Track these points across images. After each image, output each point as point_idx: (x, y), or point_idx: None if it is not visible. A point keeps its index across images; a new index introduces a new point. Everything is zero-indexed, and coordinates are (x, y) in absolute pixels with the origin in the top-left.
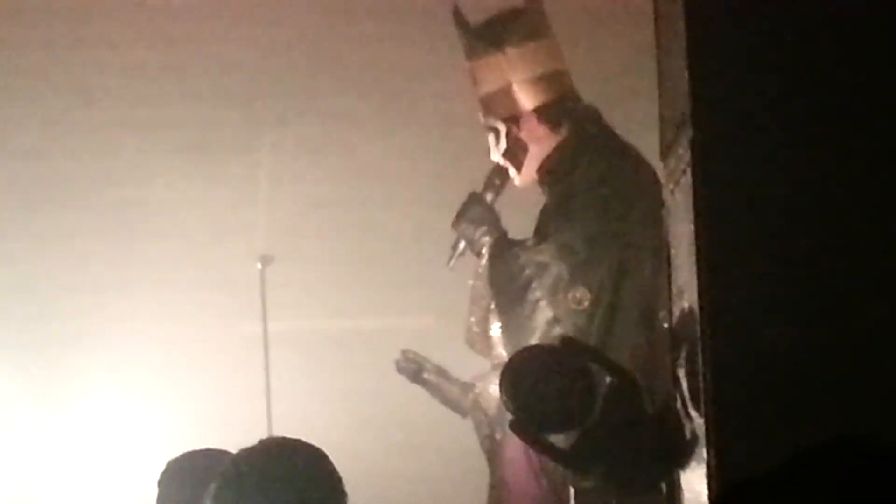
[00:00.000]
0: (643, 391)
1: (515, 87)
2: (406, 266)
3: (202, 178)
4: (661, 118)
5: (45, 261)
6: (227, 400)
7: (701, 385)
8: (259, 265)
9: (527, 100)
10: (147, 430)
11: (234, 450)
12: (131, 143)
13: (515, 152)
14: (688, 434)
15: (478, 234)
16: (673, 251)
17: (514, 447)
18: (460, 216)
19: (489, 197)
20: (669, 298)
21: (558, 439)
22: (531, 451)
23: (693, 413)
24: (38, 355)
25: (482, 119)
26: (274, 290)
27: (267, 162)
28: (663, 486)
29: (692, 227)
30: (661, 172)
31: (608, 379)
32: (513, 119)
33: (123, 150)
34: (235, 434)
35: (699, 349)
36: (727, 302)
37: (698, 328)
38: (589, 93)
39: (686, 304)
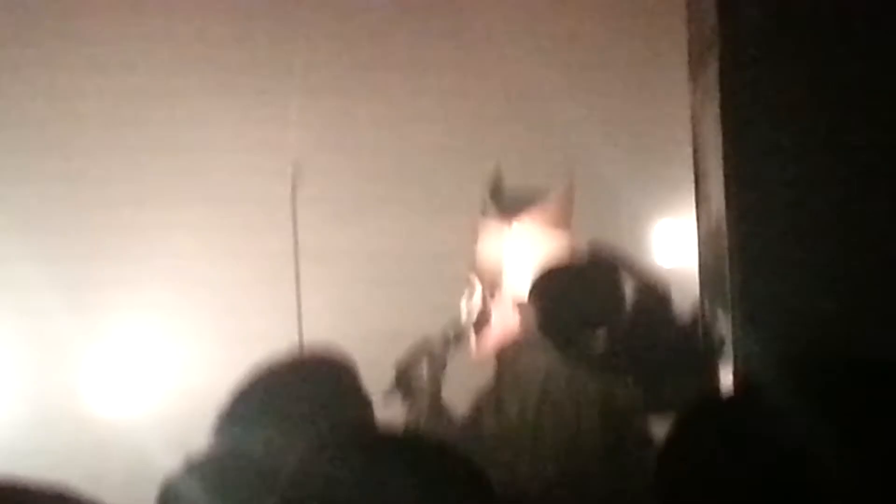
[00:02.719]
0: (671, 294)
1: (506, 267)
2: (437, 182)
3: (234, 94)
4: (690, 33)
5: (81, 175)
6: (258, 315)
7: (728, 288)
8: (290, 179)
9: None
10: (178, 345)
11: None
12: (162, 58)
13: (481, 318)
14: (715, 336)
15: None
16: (700, 158)
17: None
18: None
19: (439, 346)
20: (697, 205)
21: (588, 343)
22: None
23: (720, 317)
24: (75, 267)
25: (468, 270)
26: (305, 205)
27: (299, 76)
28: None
29: (720, 137)
30: (689, 84)
31: (636, 283)
32: (490, 288)
33: (154, 65)
34: (266, 349)
35: (726, 254)
36: (754, 208)
37: (725, 232)
38: (618, 9)
39: (713, 211)
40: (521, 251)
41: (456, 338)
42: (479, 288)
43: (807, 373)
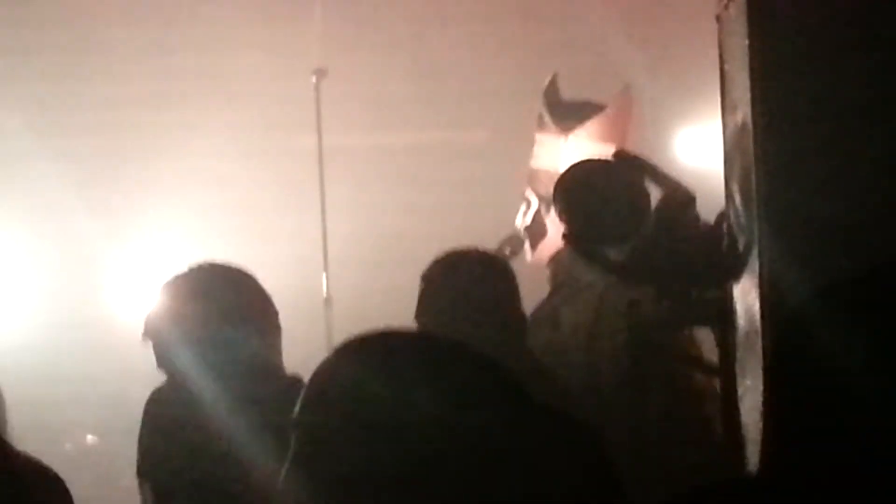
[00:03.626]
0: (696, 205)
1: None
2: (461, 80)
3: None
4: None
5: (104, 73)
6: (281, 214)
7: (754, 198)
8: (314, 78)
9: None
10: (200, 245)
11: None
12: None
13: (535, 231)
14: (740, 246)
15: None
16: (727, 66)
17: None
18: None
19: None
20: (723, 112)
21: (612, 251)
22: None
23: (746, 225)
24: (104, 167)
25: (523, 187)
26: (328, 104)
27: None
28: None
29: (746, 42)
30: None
31: (661, 192)
32: (546, 202)
33: None
34: (289, 246)
35: (752, 162)
36: (780, 116)
37: (752, 141)
38: None
39: (739, 118)
40: None
41: (513, 252)
42: (535, 202)
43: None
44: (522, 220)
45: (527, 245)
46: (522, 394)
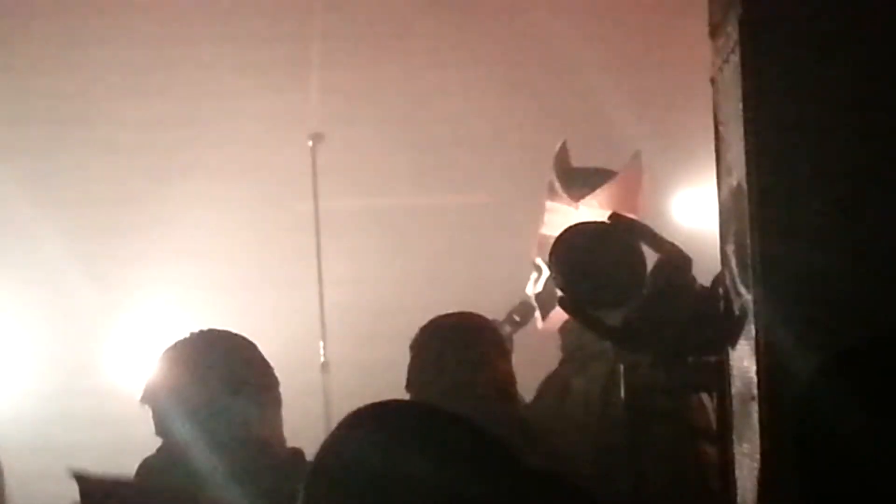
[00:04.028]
0: (692, 269)
1: None
2: (459, 144)
3: (254, 66)
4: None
5: (104, 148)
6: (279, 288)
7: (749, 262)
8: (310, 143)
9: None
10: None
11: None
12: (185, 29)
13: (545, 300)
14: (736, 310)
15: None
16: (722, 128)
17: None
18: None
19: (506, 329)
20: (718, 175)
21: (607, 316)
22: None
23: (742, 290)
24: (101, 239)
25: (532, 254)
26: (325, 169)
27: (317, 46)
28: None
29: (741, 105)
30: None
31: (657, 255)
32: None
33: (177, 35)
34: (287, 322)
35: (748, 226)
36: (776, 179)
37: (747, 205)
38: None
39: (734, 181)
40: None
41: (523, 320)
42: (545, 270)
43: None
44: (533, 288)
45: (537, 313)
46: (520, 464)
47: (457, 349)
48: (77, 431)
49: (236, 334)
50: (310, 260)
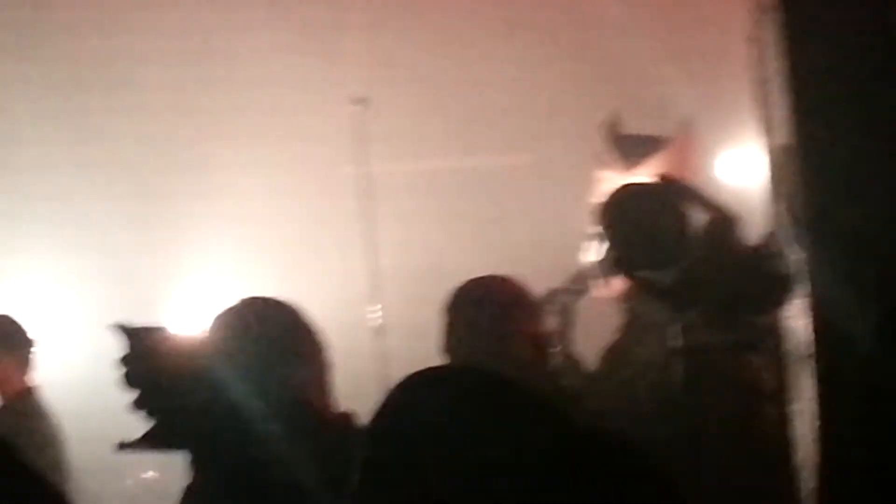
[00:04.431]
0: (743, 229)
1: None
2: (503, 104)
3: (293, 29)
4: None
5: (153, 113)
6: (325, 250)
7: (800, 220)
8: (353, 108)
9: None
10: (254, 278)
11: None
12: None
13: (603, 268)
14: (789, 269)
15: None
16: (764, 87)
17: None
18: None
19: (564, 297)
20: (764, 134)
21: (657, 276)
22: None
23: (794, 248)
24: (151, 205)
25: (587, 223)
26: (369, 134)
27: (360, 10)
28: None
29: (782, 62)
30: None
31: (708, 216)
32: None
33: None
34: (333, 284)
35: (798, 184)
36: (822, 136)
37: (796, 163)
38: None
39: (781, 140)
40: None
41: (581, 289)
42: (601, 240)
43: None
44: (591, 256)
45: (596, 281)
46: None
47: (487, 312)
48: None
49: (282, 300)
50: (357, 225)
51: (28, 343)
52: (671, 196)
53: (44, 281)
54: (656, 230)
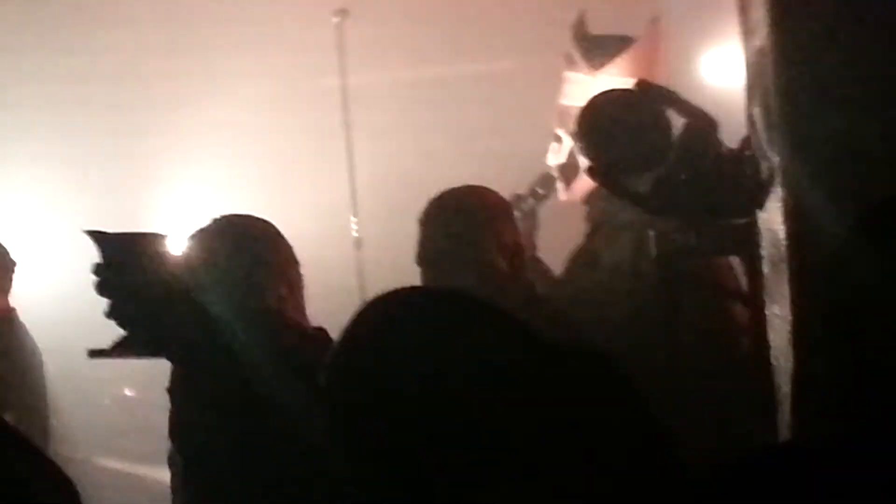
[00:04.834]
0: (720, 132)
1: None
2: (485, 8)
3: None
4: None
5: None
6: (307, 161)
7: (775, 123)
8: (335, 19)
9: None
10: (233, 190)
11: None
12: None
13: (568, 170)
14: (764, 172)
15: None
16: None
17: None
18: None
19: (529, 202)
20: (742, 36)
21: (636, 182)
22: None
23: (769, 152)
24: (126, 116)
25: (553, 125)
26: (350, 45)
27: None
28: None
29: None
30: None
31: (684, 121)
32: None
33: None
34: (317, 192)
35: (772, 87)
36: (799, 38)
37: (771, 64)
38: None
39: (758, 42)
40: None
41: (545, 193)
42: (566, 141)
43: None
44: (555, 159)
45: (560, 184)
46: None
47: (463, 222)
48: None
49: (255, 217)
50: (337, 137)
51: (9, 265)
52: (649, 102)
53: (23, 194)
54: (634, 136)
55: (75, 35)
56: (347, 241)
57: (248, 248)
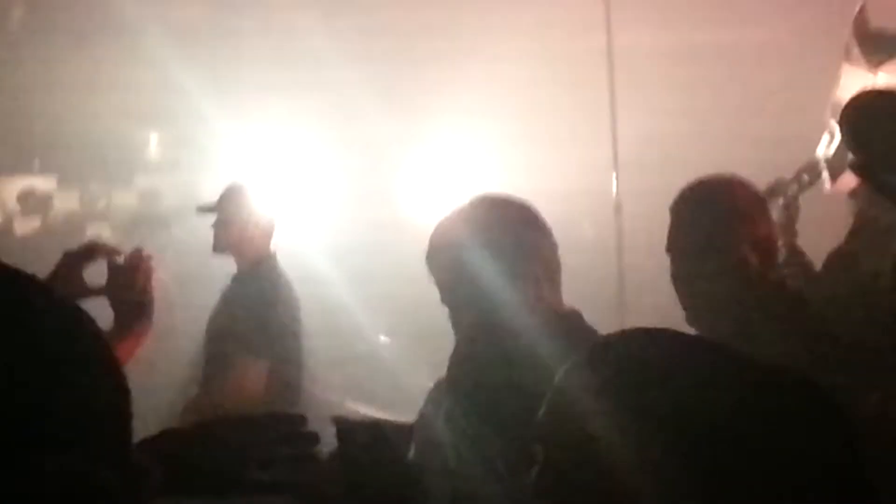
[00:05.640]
0: None
1: None
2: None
3: None
4: None
5: None
6: (570, 118)
7: None
8: None
9: None
10: (494, 143)
11: None
12: None
13: (836, 164)
14: None
15: None
16: None
17: None
18: None
19: (794, 188)
20: None
21: None
22: None
23: None
24: (394, 69)
25: (828, 117)
26: (618, 3)
27: None
28: None
29: None
30: None
31: None
32: None
33: None
34: (577, 153)
35: None
36: None
37: None
38: None
39: None
40: None
41: (810, 181)
42: (838, 135)
43: None
44: (825, 151)
45: (825, 175)
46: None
47: (715, 215)
48: (374, 264)
49: (514, 200)
50: (603, 92)
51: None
52: None
53: (287, 148)
54: None
55: None
56: (608, 199)
57: (508, 233)
